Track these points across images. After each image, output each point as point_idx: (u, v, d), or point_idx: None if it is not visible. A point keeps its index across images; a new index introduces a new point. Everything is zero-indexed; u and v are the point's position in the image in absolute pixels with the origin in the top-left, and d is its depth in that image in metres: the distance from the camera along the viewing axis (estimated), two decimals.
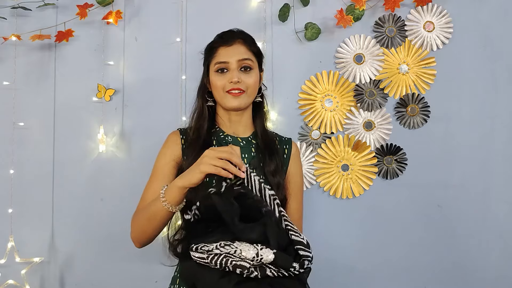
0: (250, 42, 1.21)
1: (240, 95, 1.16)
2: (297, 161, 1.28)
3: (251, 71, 1.18)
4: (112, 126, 1.74)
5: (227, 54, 1.16)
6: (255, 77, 1.19)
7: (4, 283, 1.68)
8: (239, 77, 1.15)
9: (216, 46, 1.19)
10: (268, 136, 1.25)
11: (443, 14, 1.77)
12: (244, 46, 1.18)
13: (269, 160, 1.19)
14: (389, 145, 1.77)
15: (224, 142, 1.21)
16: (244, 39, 1.19)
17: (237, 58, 1.16)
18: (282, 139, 1.29)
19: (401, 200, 1.78)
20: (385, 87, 1.77)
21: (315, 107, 1.77)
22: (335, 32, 1.77)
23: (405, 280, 1.78)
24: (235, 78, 1.14)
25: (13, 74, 1.70)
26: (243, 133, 1.23)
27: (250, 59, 1.18)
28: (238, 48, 1.17)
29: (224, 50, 1.17)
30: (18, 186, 1.71)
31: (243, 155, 1.20)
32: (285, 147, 1.26)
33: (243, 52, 1.17)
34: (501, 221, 1.77)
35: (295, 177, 1.26)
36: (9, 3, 1.70)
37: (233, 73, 1.15)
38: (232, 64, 1.16)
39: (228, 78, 1.15)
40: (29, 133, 1.72)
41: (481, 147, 1.77)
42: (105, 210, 1.74)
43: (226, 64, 1.16)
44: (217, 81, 1.17)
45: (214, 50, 1.19)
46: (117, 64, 1.74)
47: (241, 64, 1.16)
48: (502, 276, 1.77)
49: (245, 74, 1.17)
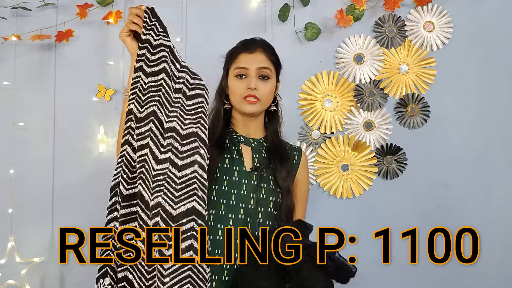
0: (271, 52, 1.27)
1: (255, 103, 1.21)
2: (306, 170, 1.35)
3: (268, 80, 1.24)
4: (112, 126, 1.74)
5: (247, 60, 1.22)
6: (271, 86, 1.25)
7: (4, 283, 1.68)
8: (257, 84, 1.21)
9: (238, 52, 1.25)
10: (281, 143, 1.31)
11: (443, 14, 1.77)
12: (264, 55, 1.24)
13: (280, 166, 1.25)
14: (389, 145, 1.77)
15: (236, 141, 1.26)
16: (265, 48, 1.26)
17: (257, 66, 1.22)
18: (293, 147, 1.35)
19: (401, 200, 1.78)
20: (385, 87, 1.77)
21: (315, 107, 1.77)
22: (335, 32, 1.77)
23: (405, 280, 1.78)
24: (252, 85, 1.20)
25: (13, 74, 1.70)
26: (254, 135, 1.29)
27: (269, 68, 1.23)
28: (258, 56, 1.23)
29: (245, 56, 1.22)
30: (18, 186, 1.71)
31: (254, 155, 1.24)
32: (295, 154, 1.32)
33: (263, 61, 1.22)
34: (501, 221, 1.77)
35: (302, 184, 1.33)
36: (9, 3, 1.70)
37: (251, 80, 1.21)
38: (252, 71, 1.21)
39: (246, 84, 1.21)
40: (29, 133, 1.72)
41: (481, 147, 1.77)
42: (105, 210, 1.73)
43: (246, 70, 1.21)
44: (235, 86, 1.23)
45: (235, 56, 1.25)
46: (117, 64, 1.74)
47: (260, 72, 1.22)
48: (502, 276, 1.77)
49: (262, 82, 1.23)
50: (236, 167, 1.21)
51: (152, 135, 1.03)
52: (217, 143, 1.22)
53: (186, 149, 1.02)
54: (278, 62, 1.29)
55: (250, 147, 1.25)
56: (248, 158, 1.24)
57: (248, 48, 1.23)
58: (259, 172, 1.21)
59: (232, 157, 1.22)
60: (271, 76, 1.24)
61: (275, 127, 1.32)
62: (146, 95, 1.05)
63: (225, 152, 1.23)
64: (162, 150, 1.02)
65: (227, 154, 1.23)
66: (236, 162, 1.21)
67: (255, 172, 1.21)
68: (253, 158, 1.24)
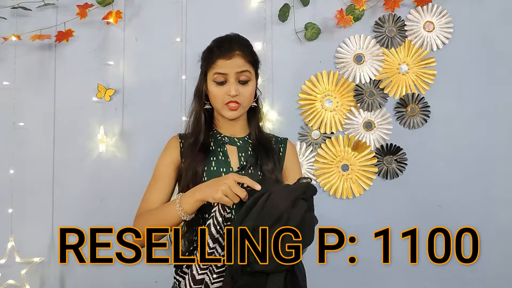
0: (248, 52, 1.24)
1: (237, 109, 1.20)
2: (292, 157, 1.32)
3: (248, 82, 1.23)
4: (112, 126, 1.74)
5: (226, 66, 1.20)
6: (252, 89, 1.23)
7: (4, 283, 1.68)
8: (237, 90, 1.19)
9: (215, 58, 1.22)
10: (264, 136, 1.30)
11: (443, 14, 1.77)
12: (242, 58, 1.21)
13: (267, 159, 1.23)
14: (389, 145, 1.77)
15: (221, 142, 1.25)
16: (242, 50, 1.22)
17: (236, 71, 1.19)
18: (278, 139, 1.33)
19: (401, 200, 1.78)
20: (385, 87, 1.77)
21: (315, 107, 1.77)
22: (335, 32, 1.77)
23: (405, 280, 1.78)
24: (233, 92, 1.18)
25: (13, 74, 1.70)
26: (239, 134, 1.28)
27: (248, 70, 1.22)
28: (236, 60, 1.20)
29: (222, 62, 1.20)
30: (18, 186, 1.71)
31: (240, 154, 1.23)
32: (280, 146, 1.31)
33: (241, 65, 1.21)
34: (501, 221, 1.77)
35: (291, 171, 1.30)
36: (9, 3, 1.70)
37: (231, 86, 1.19)
38: (231, 76, 1.19)
39: (226, 90, 1.19)
40: (29, 133, 1.72)
41: (481, 147, 1.78)
42: (105, 210, 1.74)
43: (225, 76, 1.20)
44: (215, 92, 1.21)
45: (213, 61, 1.21)
46: (117, 64, 1.74)
47: (239, 76, 1.21)
48: (502, 275, 1.77)
49: (242, 86, 1.21)
50: (223, 168, 1.20)
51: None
52: (202, 147, 1.21)
53: None
54: (256, 60, 1.26)
55: (235, 147, 1.24)
56: (234, 158, 1.23)
57: (224, 53, 1.20)
58: (247, 170, 1.21)
59: (218, 159, 1.22)
60: (251, 77, 1.22)
61: (257, 122, 1.30)
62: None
63: (211, 155, 1.22)
64: None
65: (212, 157, 1.22)
66: (222, 164, 1.21)
67: (243, 170, 1.21)
68: (239, 157, 1.23)
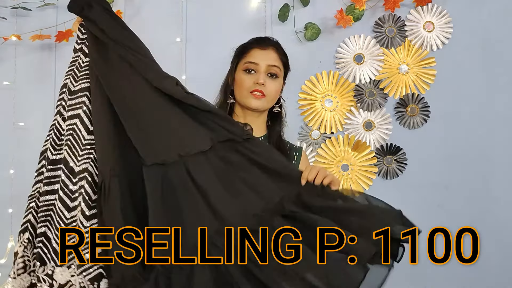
0: (282, 52, 1.27)
1: (261, 98, 1.21)
2: (306, 164, 1.33)
3: (276, 78, 1.25)
4: None
5: (259, 56, 1.22)
6: (278, 85, 1.25)
7: (4, 283, 1.68)
8: (265, 80, 1.20)
9: (250, 47, 1.25)
10: (283, 143, 1.31)
11: (443, 14, 1.77)
12: (276, 53, 1.24)
13: None
14: (389, 145, 1.77)
15: None
16: (277, 47, 1.26)
17: (268, 63, 1.21)
18: (293, 147, 1.35)
19: (401, 200, 1.77)
20: (385, 87, 1.77)
21: (315, 107, 1.77)
22: (335, 32, 1.77)
23: (405, 280, 1.78)
24: (261, 80, 1.19)
25: (13, 74, 1.70)
26: (255, 132, 1.28)
27: (278, 67, 1.24)
28: (270, 53, 1.23)
29: (257, 52, 1.23)
30: (18, 186, 1.71)
31: None
32: (295, 154, 1.32)
33: (274, 59, 1.23)
34: (501, 221, 1.77)
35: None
36: (9, 3, 1.70)
37: (260, 75, 1.20)
38: (262, 67, 1.21)
39: (255, 79, 1.21)
40: (29, 133, 1.72)
41: (481, 147, 1.77)
42: None
43: (256, 66, 1.22)
44: (243, 80, 1.22)
45: (247, 50, 1.25)
46: None
47: (270, 69, 1.23)
48: (502, 276, 1.77)
49: (270, 80, 1.23)
50: None
51: (84, 107, 1.12)
52: None
53: None
54: (287, 63, 1.30)
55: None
56: None
57: (261, 44, 1.24)
58: None
59: None
60: (280, 75, 1.25)
61: (278, 129, 1.32)
62: (82, 72, 1.18)
63: None
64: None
65: None
66: None
67: None
68: None
